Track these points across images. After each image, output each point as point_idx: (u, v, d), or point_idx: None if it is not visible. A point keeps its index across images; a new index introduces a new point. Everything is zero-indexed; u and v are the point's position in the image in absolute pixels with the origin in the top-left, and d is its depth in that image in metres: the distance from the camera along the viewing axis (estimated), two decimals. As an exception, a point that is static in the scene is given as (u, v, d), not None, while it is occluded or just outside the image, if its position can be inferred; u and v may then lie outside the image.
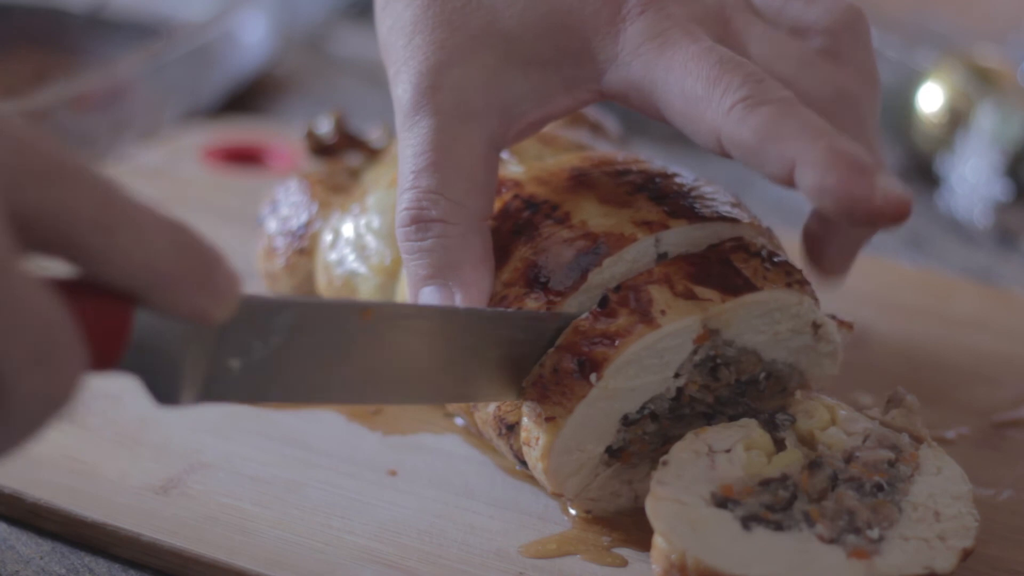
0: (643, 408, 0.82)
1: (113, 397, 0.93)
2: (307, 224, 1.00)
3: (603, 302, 0.81)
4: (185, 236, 0.65)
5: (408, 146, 0.83)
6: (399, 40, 0.84)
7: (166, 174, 1.24)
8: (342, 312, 0.75)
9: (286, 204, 1.02)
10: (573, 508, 0.85)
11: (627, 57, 0.81)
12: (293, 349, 0.73)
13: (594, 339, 0.80)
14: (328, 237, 0.98)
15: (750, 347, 0.83)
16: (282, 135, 1.29)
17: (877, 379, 0.97)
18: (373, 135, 1.08)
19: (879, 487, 0.78)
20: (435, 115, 0.83)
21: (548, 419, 0.81)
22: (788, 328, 0.84)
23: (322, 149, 1.07)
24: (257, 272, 1.05)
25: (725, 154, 0.79)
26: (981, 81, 1.29)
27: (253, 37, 1.50)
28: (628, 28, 0.81)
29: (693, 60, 0.79)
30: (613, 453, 0.83)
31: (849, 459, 0.80)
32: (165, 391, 0.69)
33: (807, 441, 0.81)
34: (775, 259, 0.84)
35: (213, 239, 0.66)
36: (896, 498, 0.78)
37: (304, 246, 1.00)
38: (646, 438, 0.83)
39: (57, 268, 0.63)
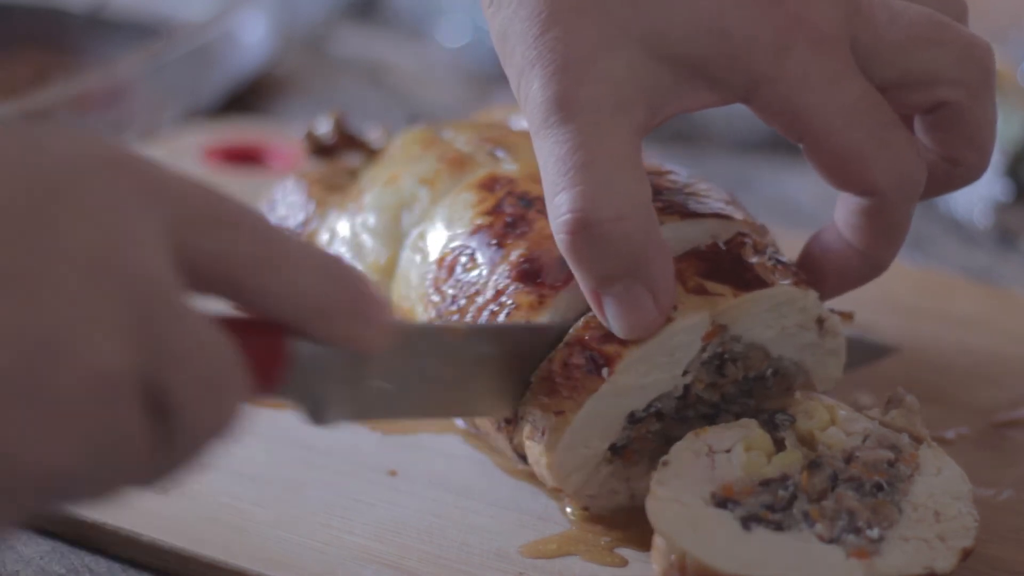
0: (650, 406, 0.82)
1: (113, 397, 0.93)
2: (304, 223, 1.00)
3: None
4: (338, 269, 0.68)
5: (559, 144, 0.78)
6: (528, 31, 0.79)
7: (166, 174, 1.24)
8: (444, 333, 0.80)
9: (283, 203, 1.02)
10: (570, 504, 0.85)
11: (792, 83, 0.78)
12: (425, 370, 0.78)
13: (606, 334, 0.81)
14: (325, 236, 0.98)
15: (758, 342, 0.84)
16: (282, 135, 1.29)
17: (877, 379, 0.97)
18: (372, 135, 1.08)
19: (879, 487, 0.78)
20: (584, 109, 0.78)
21: (557, 413, 0.81)
22: (795, 323, 0.84)
23: (322, 150, 1.07)
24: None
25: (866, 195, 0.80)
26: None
27: (253, 37, 1.50)
28: (796, 52, 0.78)
29: (861, 111, 0.78)
30: (616, 451, 0.83)
31: (849, 459, 0.80)
32: (319, 412, 0.73)
33: (807, 441, 0.81)
34: (779, 258, 0.85)
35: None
36: (896, 498, 0.78)
37: (302, 246, 1.00)
38: (649, 436, 0.83)
39: (213, 305, 0.66)
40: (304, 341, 0.69)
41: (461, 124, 1.02)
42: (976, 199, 1.26)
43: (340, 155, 1.06)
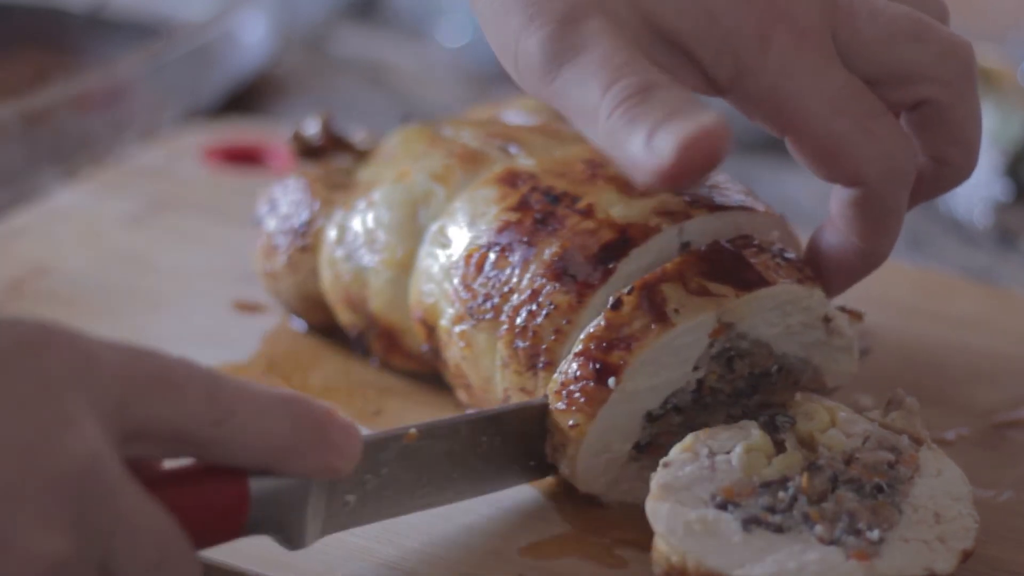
0: (665, 403, 0.83)
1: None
2: (309, 221, 1.00)
3: (616, 304, 0.81)
4: (295, 406, 0.71)
5: (582, 67, 0.76)
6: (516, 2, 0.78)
7: (166, 174, 1.24)
8: (400, 439, 0.80)
9: (285, 202, 1.02)
10: (606, 503, 0.85)
11: (775, 73, 0.78)
12: (394, 475, 0.80)
13: (610, 342, 0.81)
14: (333, 233, 0.98)
15: (763, 340, 0.84)
16: (282, 135, 1.29)
17: (877, 379, 0.97)
18: (358, 137, 1.08)
19: (879, 489, 0.78)
20: (597, 34, 0.76)
21: (572, 427, 0.81)
22: (799, 321, 0.84)
23: (309, 151, 1.07)
24: (255, 272, 1.05)
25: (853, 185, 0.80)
26: (981, 81, 1.29)
27: (253, 37, 1.50)
28: (778, 43, 0.78)
29: (844, 101, 0.78)
30: (640, 448, 0.83)
31: (849, 461, 0.80)
32: (292, 539, 0.75)
33: (807, 443, 0.81)
34: (785, 254, 0.85)
35: (213, 239, 0.67)
36: (896, 500, 0.78)
37: (307, 243, 1.00)
38: (672, 430, 0.83)
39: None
40: (266, 479, 0.71)
41: (458, 121, 1.02)
42: (976, 199, 1.26)
43: (328, 157, 1.06)
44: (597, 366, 0.81)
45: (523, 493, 0.87)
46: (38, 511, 0.62)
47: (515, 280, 0.86)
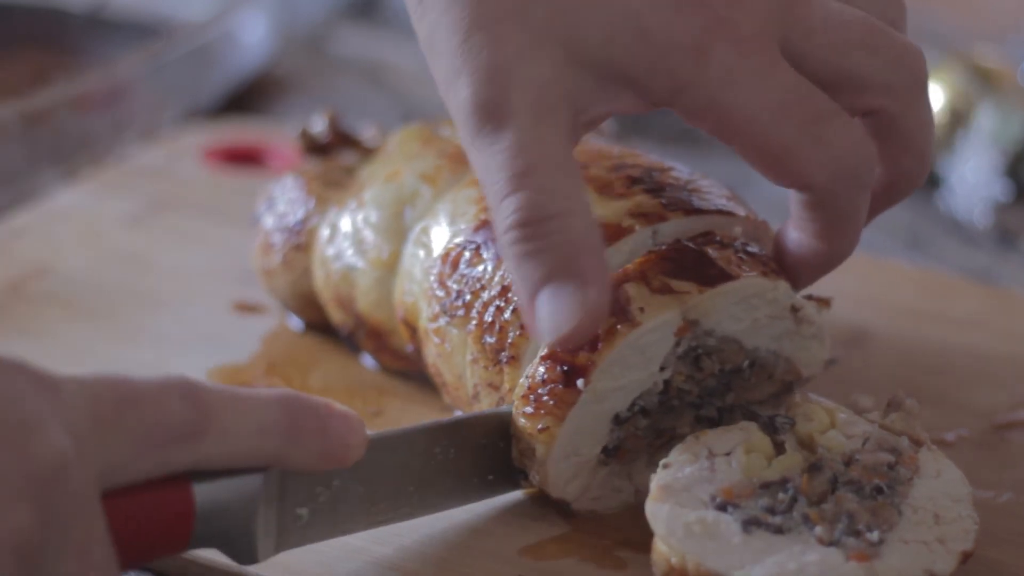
0: (633, 405, 0.82)
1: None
2: (304, 220, 1.01)
3: None
4: (289, 399, 0.72)
5: (496, 152, 0.77)
6: (452, 39, 0.78)
7: (166, 174, 1.24)
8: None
9: (282, 200, 1.03)
10: (577, 510, 0.85)
11: (714, 84, 0.77)
12: (346, 487, 0.78)
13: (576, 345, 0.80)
14: (325, 232, 0.98)
15: (731, 335, 0.83)
16: (282, 135, 1.29)
17: (876, 380, 0.97)
18: (367, 134, 1.08)
19: (879, 490, 0.78)
20: (516, 114, 0.77)
21: (541, 430, 0.81)
22: (766, 314, 0.84)
23: (316, 148, 1.07)
24: (253, 270, 1.05)
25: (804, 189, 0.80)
26: (981, 81, 1.29)
27: (253, 37, 1.50)
28: (718, 53, 0.77)
29: (788, 106, 0.78)
30: (609, 453, 0.83)
31: (849, 462, 0.80)
32: (242, 553, 0.74)
33: (807, 444, 0.81)
34: (748, 249, 0.84)
35: (213, 239, 0.67)
36: (896, 501, 0.78)
37: (301, 242, 1.00)
38: (639, 433, 0.83)
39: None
40: (211, 489, 0.71)
41: (458, 121, 1.02)
42: (976, 199, 1.26)
43: (335, 153, 1.07)
44: (564, 368, 0.81)
45: (522, 494, 0.87)
46: (9, 489, 0.63)
47: (487, 276, 0.87)
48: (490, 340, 0.85)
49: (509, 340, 0.84)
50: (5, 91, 1.30)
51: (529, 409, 0.81)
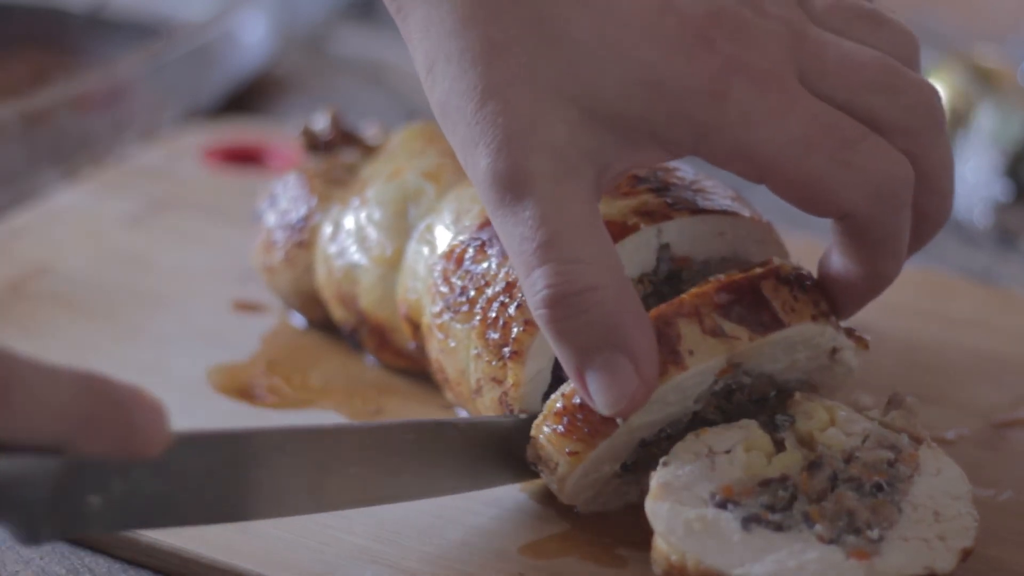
0: (661, 431, 0.82)
1: (113, 397, 0.93)
2: (306, 217, 1.01)
3: None
4: (94, 382, 0.67)
5: (519, 223, 0.76)
6: (466, 106, 0.77)
7: (166, 174, 1.24)
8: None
9: (285, 198, 1.03)
10: (582, 511, 0.85)
11: (737, 125, 0.76)
12: (144, 482, 0.72)
13: None
14: (328, 229, 0.99)
15: (766, 373, 0.83)
16: (282, 135, 1.29)
17: (877, 379, 0.97)
18: (369, 132, 1.08)
19: (879, 487, 0.78)
20: (535, 182, 0.76)
21: (571, 453, 0.81)
22: (806, 356, 0.83)
23: (318, 146, 1.07)
24: (254, 267, 1.05)
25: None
26: (981, 81, 1.29)
27: (253, 37, 1.50)
28: (735, 93, 0.76)
29: (815, 136, 0.76)
30: (627, 468, 0.83)
31: (849, 459, 0.80)
32: (25, 532, 0.69)
33: (807, 442, 0.81)
34: (804, 284, 0.82)
35: (213, 239, 0.66)
36: (896, 498, 0.78)
37: (303, 239, 1.00)
38: (656, 452, 0.83)
39: None
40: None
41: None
42: (976, 199, 1.26)
43: (337, 151, 1.07)
44: None
45: (523, 493, 0.87)
46: None
47: (492, 272, 0.87)
48: (494, 336, 0.85)
49: (513, 335, 0.84)
50: (5, 91, 1.30)
51: (560, 428, 0.81)
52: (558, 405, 0.81)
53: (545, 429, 0.82)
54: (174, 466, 0.73)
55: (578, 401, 0.80)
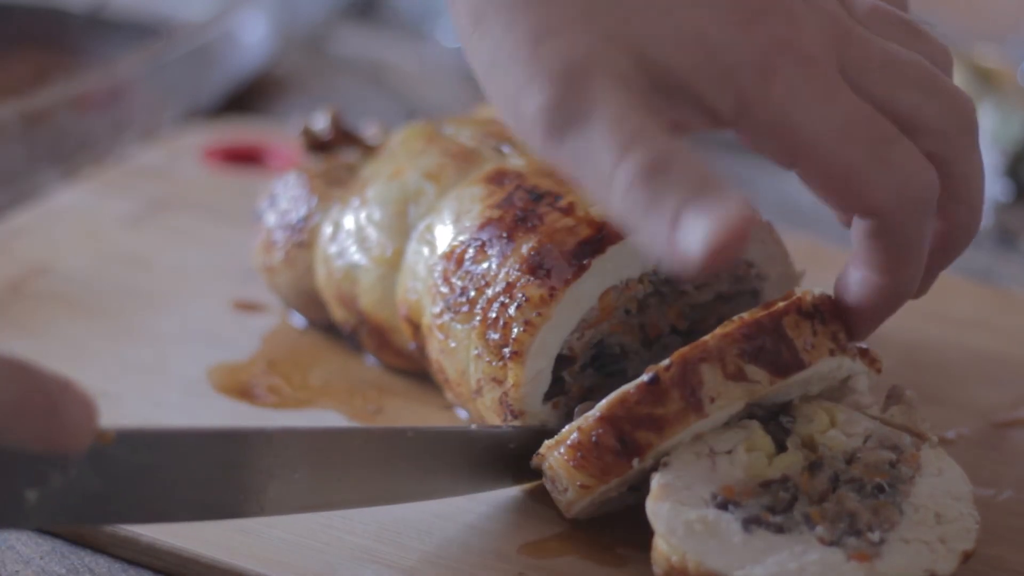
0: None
1: (113, 396, 0.93)
2: (306, 217, 1.01)
3: (653, 379, 0.79)
4: (24, 371, 0.66)
5: (590, 137, 0.73)
6: (519, 52, 0.76)
7: (166, 174, 1.24)
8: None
9: (285, 198, 1.03)
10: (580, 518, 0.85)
11: (781, 103, 0.75)
12: (84, 479, 0.71)
13: (640, 420, 0.79)
14: (328, 229, 0.99)
15: (779, 403, 0.83)
16: (282, 135, 1.29)
17: (877, 379, 0.97)
18: (369, 131, 1.08)
19: (880, 488, 0.78)
20: (603, 97, 0.74)
21: (582, 486, 0.81)
22: (819, 388, 0.83)
23: (318, 145, 1.07)
24: (254, 267, 1.05)
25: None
26: (981, 81, 1.29)
27: (253, 37, 1.50)
28: (783, 72, 0.75)
29: (854, 127, 0.76)
30: (632, 488, 0.83)
31: (850, 460, 0.80)
32: None
33: (808, 443, 0.81)
34: (824, 316, 0.82)
35: (213, 239, 0.66)
36: (897, 499, 0.78)
37: (303, 239, 1.00)
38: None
39: None
40: None
41: (461, 119, 1.02)
42: (976, 199, 1.26)
43: (336, 151, 1.07)
44: (623, 440, 0.80)
45: (523, 493, 0.87)
46: None
47: (492, 273, 0.87)
48: (494, 336, 0.85)
49: (513, 336, 0.85)
50: (5, 91, 1.30)
51: (573, 462, 0.81)
52: (574, 437, 0.81)
53: (556, 454, 0.81)
54: (114, 463, 0.72)
55: (595, 439, 0.80)
